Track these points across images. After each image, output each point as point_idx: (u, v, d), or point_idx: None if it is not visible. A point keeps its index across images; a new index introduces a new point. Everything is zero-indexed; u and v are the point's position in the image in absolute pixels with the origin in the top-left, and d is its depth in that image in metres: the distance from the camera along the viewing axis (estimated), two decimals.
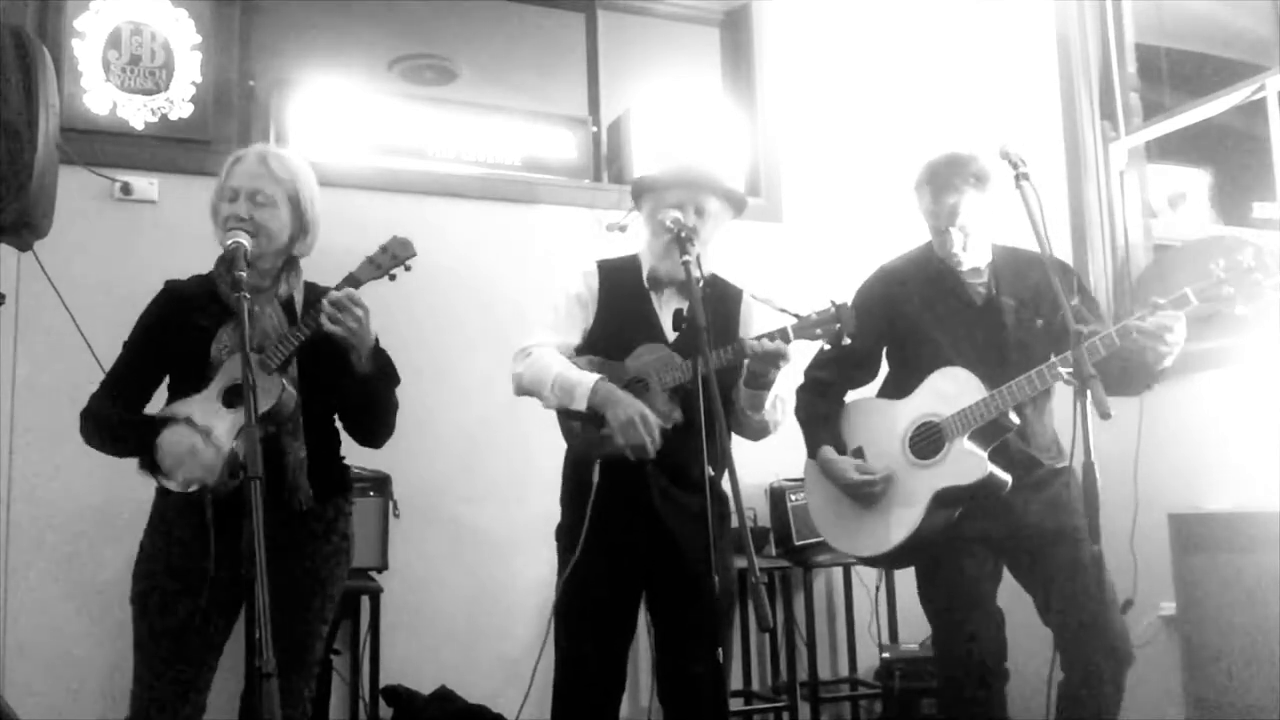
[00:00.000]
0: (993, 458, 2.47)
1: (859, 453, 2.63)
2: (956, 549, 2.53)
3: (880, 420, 2.63)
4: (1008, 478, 2.47)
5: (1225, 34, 4.01)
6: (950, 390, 2.51)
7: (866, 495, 2.57)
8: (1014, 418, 2.46)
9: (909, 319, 2.64)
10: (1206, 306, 2.27)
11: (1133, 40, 3.86)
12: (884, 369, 2.79)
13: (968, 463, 2.45)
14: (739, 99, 4.35)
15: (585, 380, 2.39)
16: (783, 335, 2.29)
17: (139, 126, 3.38)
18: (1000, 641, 2.54)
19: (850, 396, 2.75)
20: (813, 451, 2.68)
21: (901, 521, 2.52)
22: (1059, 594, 2.46)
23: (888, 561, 2.73)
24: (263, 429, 1.97)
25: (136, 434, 2.15)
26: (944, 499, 2.48)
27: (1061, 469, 2.57)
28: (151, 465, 2.13)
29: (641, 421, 2.29)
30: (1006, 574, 2.62)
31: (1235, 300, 2.24)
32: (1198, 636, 2.98)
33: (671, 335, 2.47)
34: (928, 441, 2.53)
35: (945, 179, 2.58)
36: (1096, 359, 2.26)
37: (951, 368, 2.53)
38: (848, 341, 2.33)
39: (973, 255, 2.62)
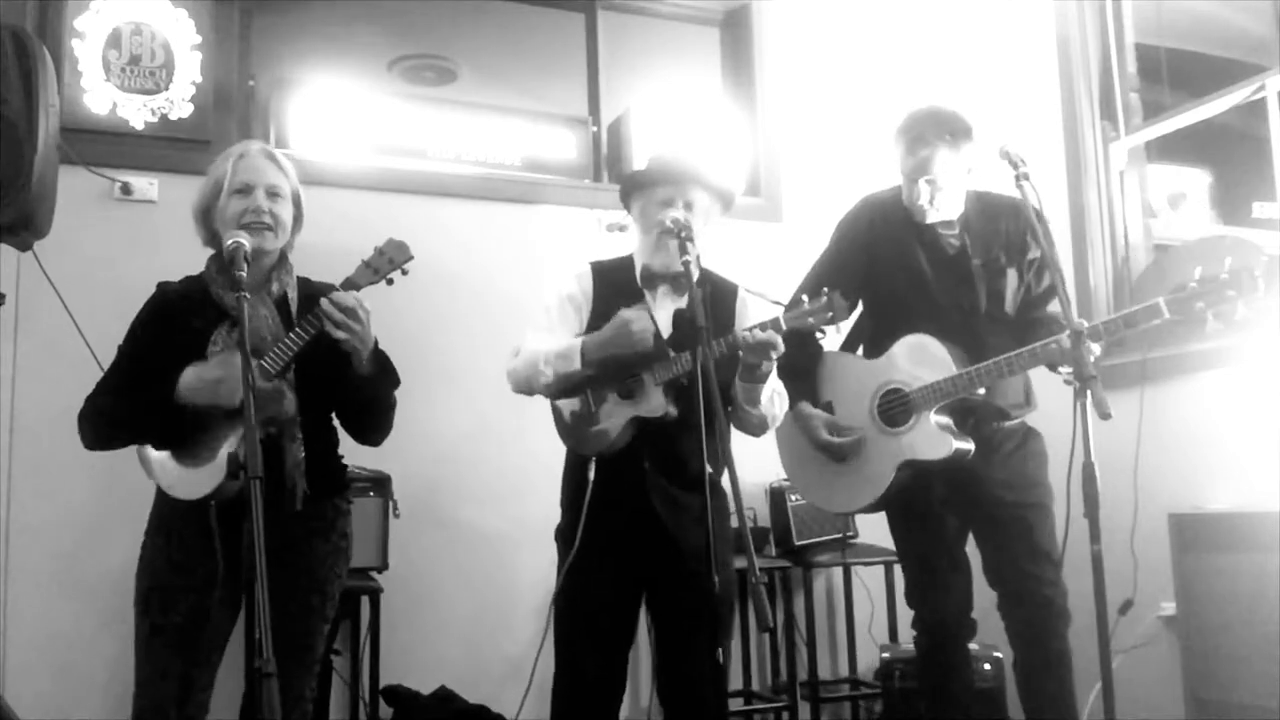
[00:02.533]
0: (958, 418, 2.55)
1: (829, 407, 2.69)
2: (925, 506, 2.62)
3: (852, 378, 2.69)
4: (970, 447, 2.54)
5: (1225, 34, 4.01)
6: (922, 360, 2.56)
7: (835, 456, 2.64)
8: (981, 392, 2.52)
9: (888, 249, 2.70)
10: (1178, 318, 2.20)
11: (1133, 40, 3.86)
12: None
13: (934, 439, 2.51)
14: (739, 99, 4.35)
15: (574, 342, 2.42)
16: (775, 325, 2.29)
17: (139, 126, 3.38)
18: (967, 594, 2.66)
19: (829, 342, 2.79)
20: (792, 403, 2.70)
21: (868, 484, 2.60)
22: (1003, 559, 2.55)
23: (854, 512, 2.84)
24: (263, 431, 1.98)
25: (151, 405, 2.12)
26: (908, 468, 2.55)
27: (1028, 428, 2.65)
28: (173, 438, 2.11)
29: (640, 331, 2.33)
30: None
31: (1206, 317, 2.16)
32: (1198, 636, 2.98)
33: (667, 333, 2.47)
34: (896, 409, 2.58)
35: (919, 132, 2.64)
36: (1004, 378, 2.44)
37: (922, 336, 2.56)
38: (837, 329, 2.39)
39: (941, 209, 2.66)
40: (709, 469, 2.19)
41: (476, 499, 3.59)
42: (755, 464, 3.20)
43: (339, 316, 2.09)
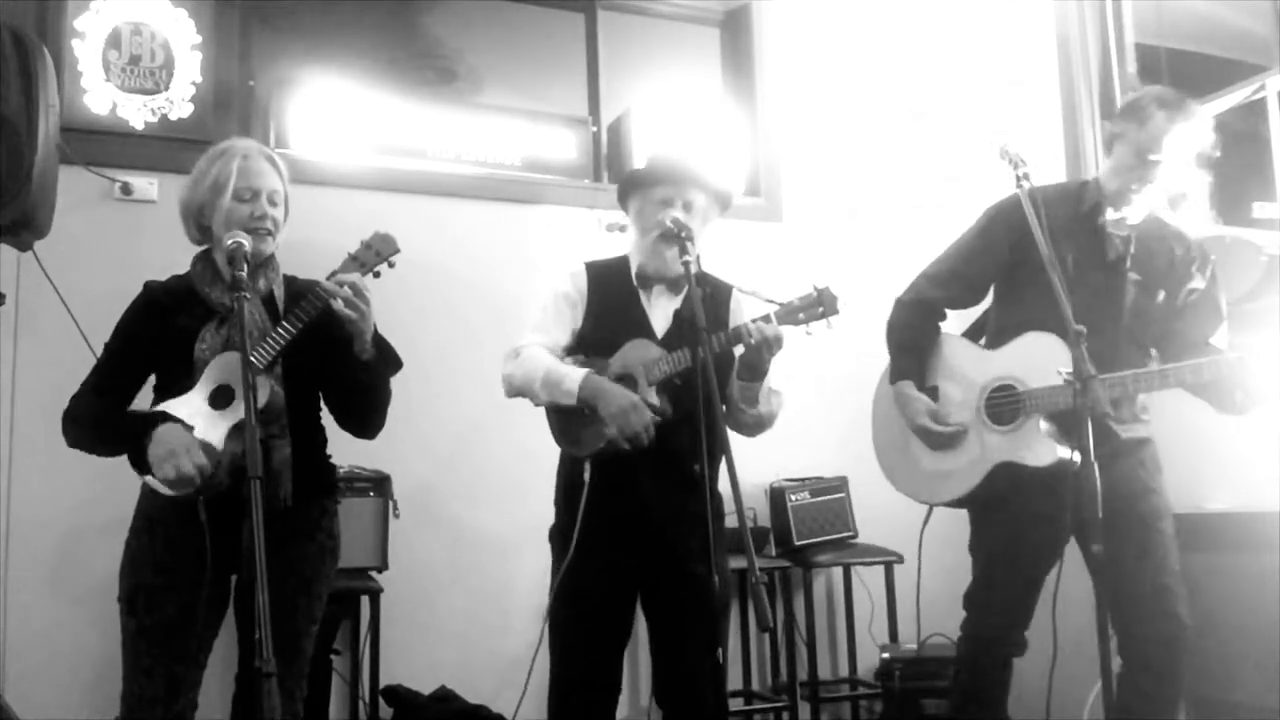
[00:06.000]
0: (1067, 426, 2.35)
1: (933, 392, 2.60)
2: (1015, 516, 2.48)
3: (965, 366, 2.58)
4: (1076, 458, 2.29)
5: (1225, 34, 4.01)
6: (1040, 360, 2.38)
7: (932, 443, 2.56)
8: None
9: (1038, 248, 2.38)
10: None
11: (1133, 40, 3.86)
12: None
13: (1038, 446, 2.39)
14: (739, 99, 4.35)
15: (574, 374, 2.39)
16: (766, 322, 2.28)
17: (139, 126, 3.38)
18: (1028, 613, 2.53)
19: (947, 325, 2.70)
20: (894, 378, 2.63)
21: (959, 479, 2.50)
22: (1115, 576, 2.33)
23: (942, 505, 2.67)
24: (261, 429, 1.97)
25: (126, 432, 2.12)
26: (1006, 470, 2.44)
27: (1141, 440, 2.51)
28: (142, 463, 2.09)
29: (634, 409, 2.29)
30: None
31: None
32: (1198, 636, 2.98)
33: (661, 333, 2.46)
34: (1005, 406, 2.47)
35: (1185, 111, 2.44)
36: (1125, 392, 2.34)
37: (1047, 335, 2.38)
38: (828, 326, 2.29)
39: (1139, 203, 2.49)
40: (706, 469, 2.19)
41: (476, 499, 3.59)
42: (755, 464, 3.21)
43: (345, 294, 2.09)
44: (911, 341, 2.64)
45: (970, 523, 2.64)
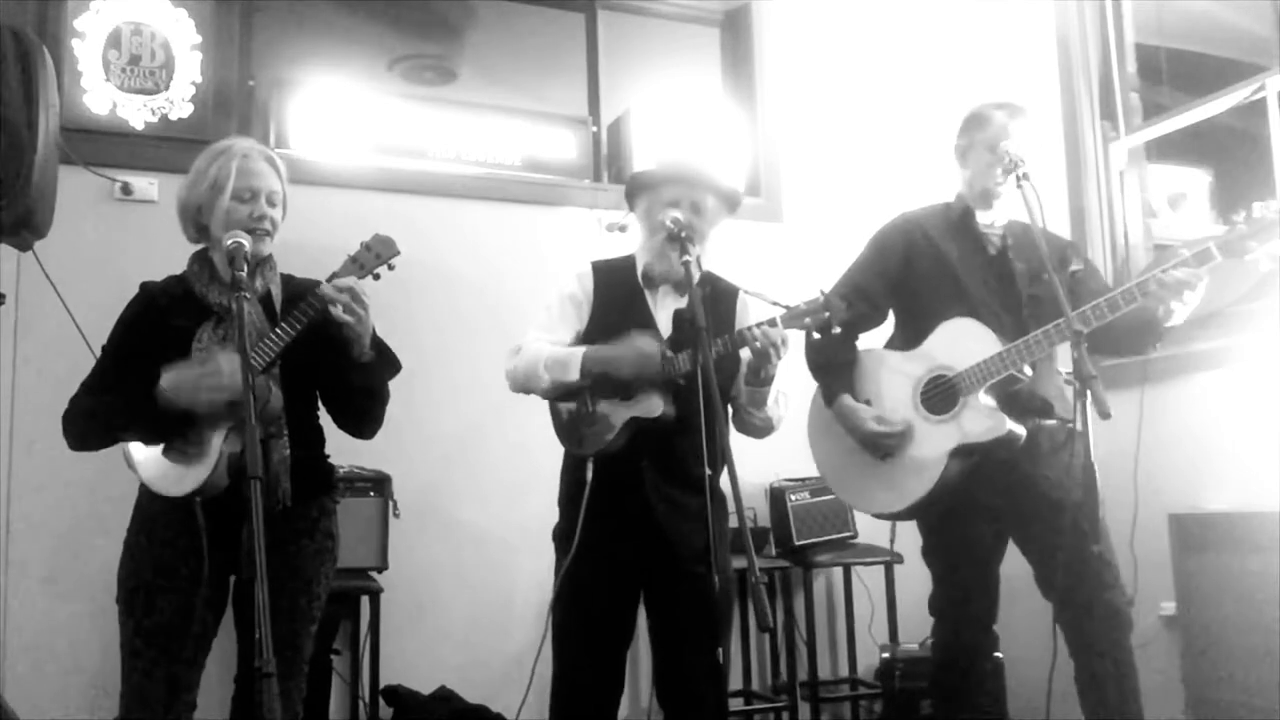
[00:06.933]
0: (1006, 406, 2.46)
1: (868, 405, 2.62)
2: (963, 513, 2.53)
3: (890, 372, 2.61)
4: (1023, 431, 2.46)
5: (1225, 34, 4.01)
6: (962, 343, 2.48)
7: (883, 448, 2.56)
8: (1028, 370, 2.44)
9: (927, 258, 2.64)
10: (1229, 258, 2.27)
11: (1133, 40, 3.87)
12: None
13: (985, 420, 2.43)
14: (739, 99, 4.35)
15: (576, 351, 2.41)
16: (771, 325, 2.28)
17: (139, 126, 3.38)
18: (991, 612, 2.61)
19: (861, 343, 2.74)
20: (829, 399, 2.65)
21: (918, 478, 2.50)
22: (1058, 566, 2.41)
23: (896, 517, 2.72)
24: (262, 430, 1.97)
25: (136, 402, 2.09)
26: (960, 454, 2.46)
27: (1070, 429, 2.52)
28: (158, 426, 2.08)
29: (648, 354, 2.31)
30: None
31: (1258, 251, 2.24)
32: (1198, 636, 2.98)
33: (667, 333, 2.46)
34: (941, 396, 2.50)
35: (1018, 110, 2.64)
36: (1104, 321, 2.32)
37: (961, 319, 2.51)
38: (837, 331, 2.34)
39: (1002, 203, 2.61)
40: (708, 470, 2.19)
41: (477, 499, 3.59)
42: (755, 464, 3.20)
43: (344, 299, 2.08)
44: (836, 359, 2.67)
45: (921, 534, 2.68)
